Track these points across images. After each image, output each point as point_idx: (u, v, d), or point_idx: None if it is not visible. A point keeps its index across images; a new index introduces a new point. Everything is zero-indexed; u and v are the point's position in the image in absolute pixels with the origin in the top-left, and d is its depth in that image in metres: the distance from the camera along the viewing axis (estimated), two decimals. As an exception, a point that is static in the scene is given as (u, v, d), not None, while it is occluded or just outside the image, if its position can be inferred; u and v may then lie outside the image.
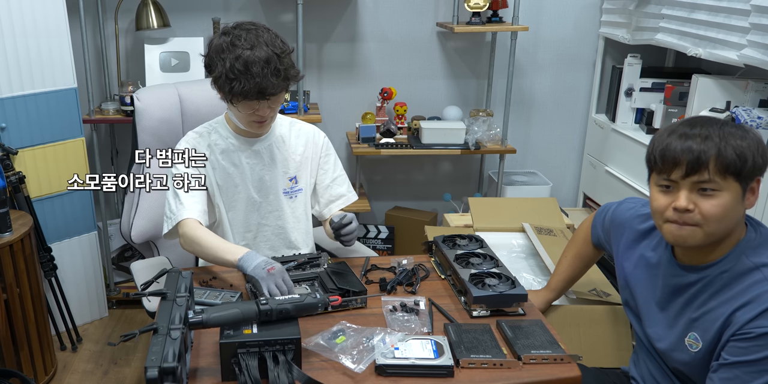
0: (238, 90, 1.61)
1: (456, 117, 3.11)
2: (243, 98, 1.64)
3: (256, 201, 1.86)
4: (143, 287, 1.44)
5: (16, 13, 2.36)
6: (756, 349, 1.20)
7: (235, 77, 1.60)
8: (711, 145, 1.21)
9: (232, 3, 2.99)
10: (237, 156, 1.83)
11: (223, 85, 1.64)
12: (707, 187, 1.22)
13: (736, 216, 1.26)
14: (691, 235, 1.26)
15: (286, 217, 1.90)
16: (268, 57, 1.60)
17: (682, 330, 1.35)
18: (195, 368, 1.32)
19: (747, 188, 1.24)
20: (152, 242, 2.10)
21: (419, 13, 3.08)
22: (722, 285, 1.28)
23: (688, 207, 1.24)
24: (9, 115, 2.40)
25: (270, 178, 1.86)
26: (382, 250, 3.17)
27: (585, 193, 3.22)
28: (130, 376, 2.57)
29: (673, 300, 1.38)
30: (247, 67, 1.59)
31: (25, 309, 2.32)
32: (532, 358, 1.34)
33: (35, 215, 2.48)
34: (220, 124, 1.86)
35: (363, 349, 1.34)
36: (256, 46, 1.60)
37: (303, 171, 1.91)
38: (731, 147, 1.20)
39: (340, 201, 1.97)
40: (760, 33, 1.97)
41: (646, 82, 2.75)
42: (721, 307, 1.27)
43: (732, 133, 1.22)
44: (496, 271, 1.61)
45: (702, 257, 1.32)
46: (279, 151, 1.87)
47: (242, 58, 1.59)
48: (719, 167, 1.21)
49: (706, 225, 1.24)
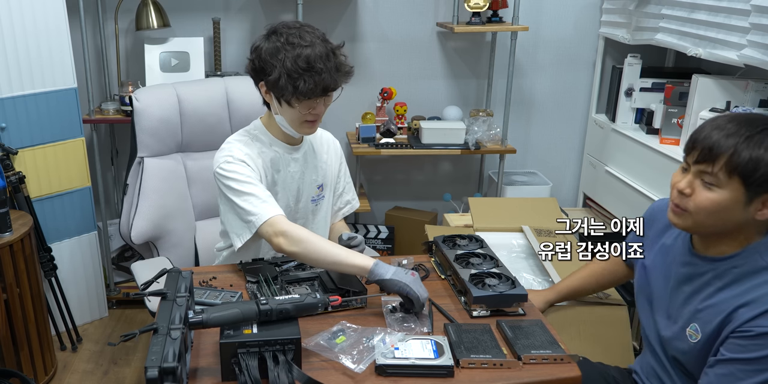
0: (303, 88, 1.58)
1: (456, 117, 3.11)
2: (307, 97, 1.60)
3: (291, 208, 1.84)
4: (143, 287, 1.44)
5: (16, 13, 2.36)
6: (754, 347, 1.21)
7: (299, 76, 1.57)
8: (731, 143, 1.22)
9: (232, 3, 2.99)
10: (282, 164, 1.79)
11: (285, 85, 1.59)
12: (709, 180, 1.25)
13: (733, 218, 1.26)
14: (680, 219, 1.32)
15: (309, 224, 1.89)
16: (327, 52, 1.60)
17: (685, 320, 1.36)
18: (195, 368, 1.32)
19: (756, 197, 1.24)
20: (152, 243, 2.10)
21: (419, 13, 3.08)
22: (731, 280, 1.29)
23: (684, 190, 1.29)
24: (9, 115, 2.40)
25: (303, 186, 1.84)
26: (382, 250, 3.17)
27: (585, 193, 3.22)
28: (130, 376, 2.57)
29: (681, 288, 1.39)
30: (309, 64, 1.57)
31: (25, 309, 2.32)
32: (532, 358, 1.34)
33: (35, 215, 2.48)
34: (260, 131, 1.78)
35: (363, 349, 1.34)
36: (313, 43, 1.59)
37: (328, 179, 1.91)
38: (749, 151, 1.21)
39: (346, 208, 1.99)
40: (760, 33, 1.97)
41: (646, 82, 2.75)
42: (726, 303, 1.28)
43: (762, 143, 1.21)
44: (496, 271, 1.61)
45: (716, 249, 1.33)
46: (311, 159, 1.85)
47: (303, 55, 1.57)
48: (728, 165, 1.22)
49: (696, 214, 1.28)
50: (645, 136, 2.69)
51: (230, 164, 1.68)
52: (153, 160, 2.07)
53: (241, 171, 1.67)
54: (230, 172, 1.67)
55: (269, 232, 1.61)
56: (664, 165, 2.42)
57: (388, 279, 1.46)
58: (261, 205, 1.63)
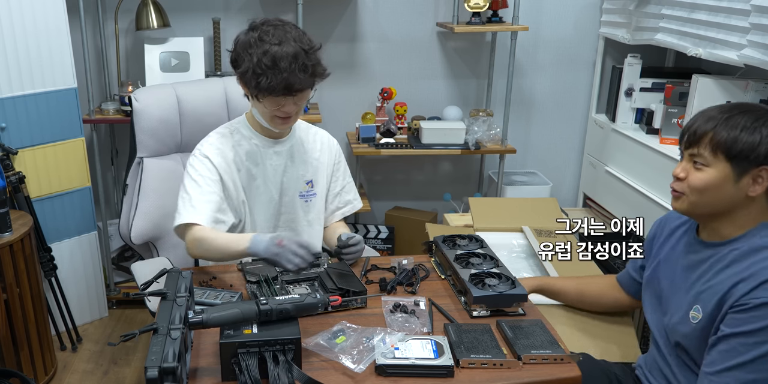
0: (265, 85, 1.60)
1: (456, 117, 3.11)
2: (269, 94, 1.62)
3: (276, 202, 1.86)
4: (143, 287, 1.44)
5: (16, 13, 2.36)
6: (753, 319, 1.24)
7: (262, 72, 1.59)
8: (711, 125, 1.34)
9: (232, 3, 2.99)
10: (260, 156, 1.81)
11: (249, 80, 1.63)
12: (698, 160, 1.36)
13: (724, 195, 1.34)
14: (679, 202, 1.41)
15: (299, 221, 1.90)
16: (296, 52, 1.60)
17: (689, 303, 1.39)
18: (195, 368, 1.32)
19: (743, 173, 1.32)
20: (151, 243, 2.10)
21: (419, 13, 3.08)
22: (730, 261, 1.34)
23: (679, 175, 1.39)
24: (9, 115, 2.40)
25: (288, 180, 1.85)
26: (382, 250, 3.17)
27: (585, 193, 3.22)
28: (130, 376, 2.57)
29: (687, 275, 1.43)
30: (274, 62, 1.58)
31: (25, 309, 2.32)
32: (532, 358, 1.34)
33: (35, 215, 2.48)
34: (241, 124, 1.84)
35: (363, 349, 1.34)
36: (284, 41, 1.60)
37: (320, 176, 1.91)
38: (728, 129, 1.32)
39: (347, 208, 1.99)
40: (760, 33, 1.97)
41: (646, 82, 2.75)
42: (725, 281, 1.32)
43: (740, 122, 1.32)
44: (496, 271, 1.61)
45: (718, 233, 1.39)
46: (298, 154, 1.86)
47: (270, 53, 1.59)
48: (711, 144, 1.33)
49: (691, 194, 1.37)
50: (645, 136, 2.69)
51: (194, 157, 1.78)
52: (152, 160, 2.07)
53: (197, 167, 1.75)
54: (189, 165, 1.78)
55: (184, 234, 1.72)
56: (664, 165, 2.42)
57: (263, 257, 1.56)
58: (188, 208, 1.71)
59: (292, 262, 1.50)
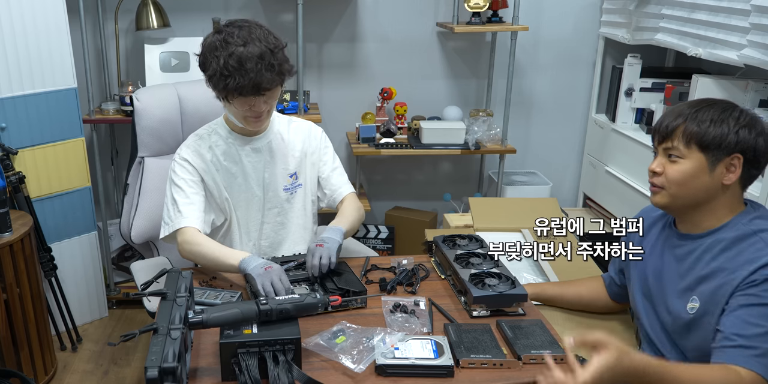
0: (233, 86, 1.62)
1: (456, 117, 3.11)
2: (238, 94, 1.64)
3: (259, 198, 1.87)
4: (143, 287, 1.44)
5: (16, 13, 2.36)
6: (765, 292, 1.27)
7: (229, 74, 1.61)
8: (681, 119, 1.39)
9: (232, 3, 2.99)
10: (237, 155, 1.83)
11: (217, 82, 1.65)
12: (673, 153, 1.39)
13: (701, 185, 1.37)
14: (659, 197, 1.43)
15: (285, 213, 1.91)
16: (262, 52, 1.61)
17: (683, 295, 1.41)
18: (195, 368, 1.32)
19: (716, 161, 1.36)
20: (152, 242, 2.10)
21: (419, 13, 3.08)
22: (721, 250, 1.37)
23: (656, 170, 1.42)
24: (9, 115, 2.40)
25: (270, 175, 1.86)
26: (382, 250, 3.17)
27: (585, 193, 3.22)
28: (130, 376, 2.57)
29: (675, 269, 1.45)
30: (240, 63, 1.60)
31: (25, 309, 2.32)
32: (532, 358, 1.34)
33: (35, 215, 2.48)
34: (219, 125, 1.87)
35: (363, 349, 1.34)
36: (249, 42, 1.62)
37: (303, 166, 1.92)
38: (697, 122, 1.37)
39: (343, 188, 1.95)
40: (760, 33, 1.97)
41: (646, 82, 2.75)
42: (721, 267, 1.35)
43: (707, 115, 1.37)
44: (496, 271, 1.61)
45: (698, 226, 1.42)
46: (278, 148, 1.87)
47: (235, 54, 1.60)
48: (683, 136, 1.38)
49: (670, 187, 1.40)
50: (645, 136, 2.69)
51: (174, 162, 1.82)
52: (154, 160, 2.08)
53: (178, 172, 1.80)
54: (171, 171, 1.82)
55: (174, 237, 1.76)
56: (664, 165, 2.42)
57: (247, 273, 1.60)
58: (176, 215, 1.76)
59: (264, 288, 1.52)
